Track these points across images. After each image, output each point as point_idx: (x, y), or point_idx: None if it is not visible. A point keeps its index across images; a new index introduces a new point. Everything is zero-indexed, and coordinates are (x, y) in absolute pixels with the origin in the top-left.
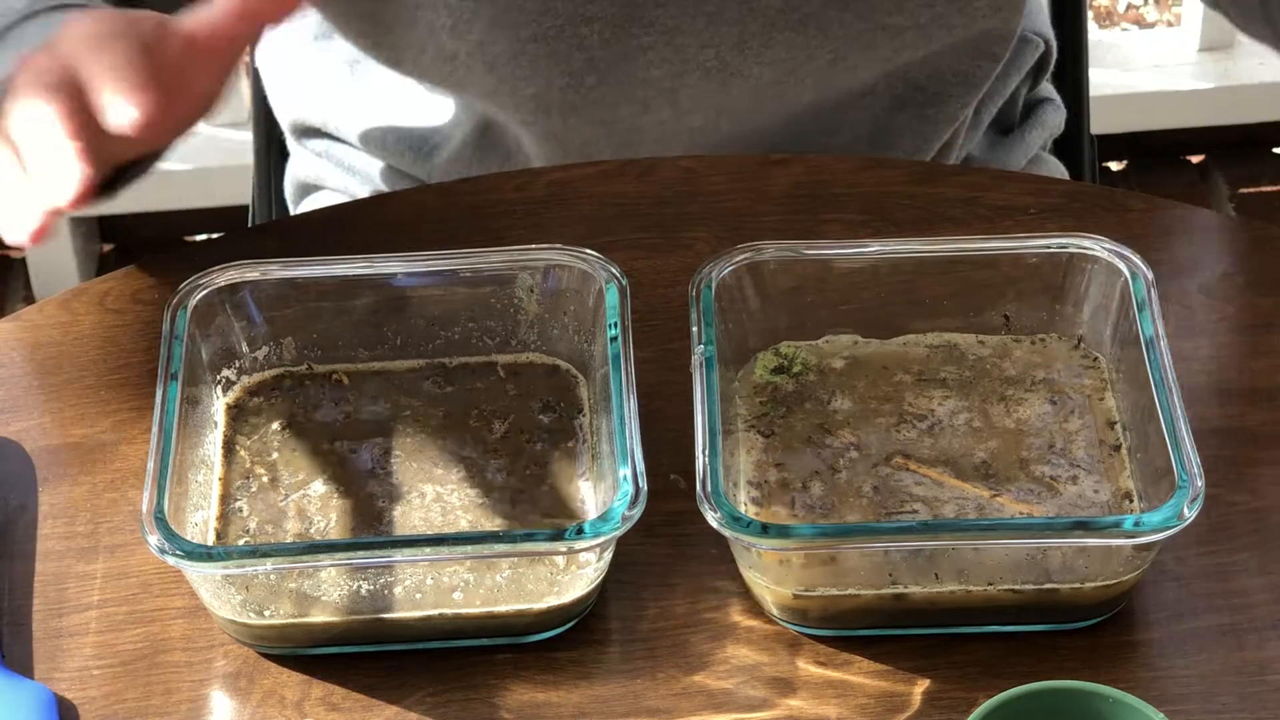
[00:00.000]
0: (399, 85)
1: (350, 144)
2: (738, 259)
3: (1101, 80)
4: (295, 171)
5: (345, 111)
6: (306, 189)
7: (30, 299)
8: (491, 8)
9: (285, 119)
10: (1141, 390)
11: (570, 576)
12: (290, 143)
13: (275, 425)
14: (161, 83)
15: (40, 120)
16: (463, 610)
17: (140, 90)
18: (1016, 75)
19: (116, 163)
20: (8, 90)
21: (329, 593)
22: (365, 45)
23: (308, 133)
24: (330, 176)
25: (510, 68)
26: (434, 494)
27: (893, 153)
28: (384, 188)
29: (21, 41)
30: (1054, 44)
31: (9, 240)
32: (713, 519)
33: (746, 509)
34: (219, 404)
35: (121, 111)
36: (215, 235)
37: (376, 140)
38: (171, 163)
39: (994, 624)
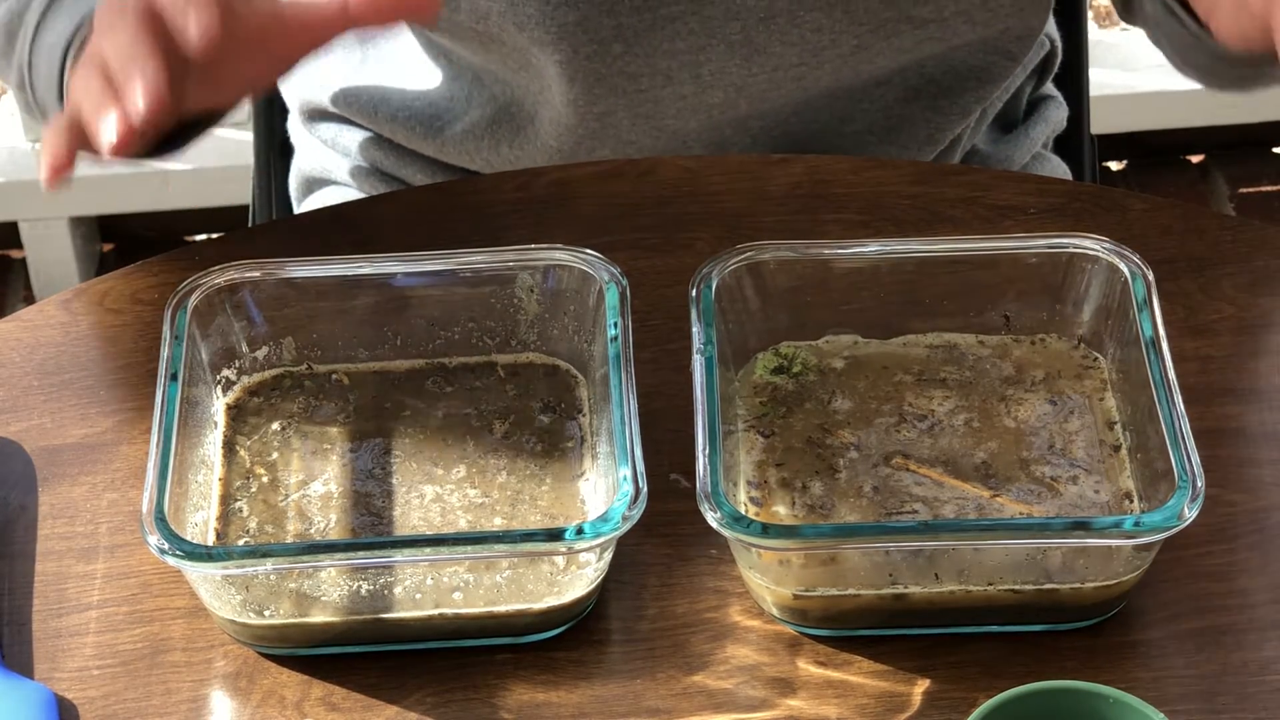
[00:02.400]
0: (411, 62)
1: (360, 125)
2: (738, 259)
3: (1102, 80)
4: (301, 165)
5: (357, 89)
6: (312, 184)
7: (30, 299)
8: None
9: (294, 101)
10: (1141, 390)
11: (570, 576)
12: (298, 132)
13: (275, 425)
14: (236, 29)
15: (120, 34)
16: (463, 610)
17: (205, 9)
18: (1022, 73)
19: (185, 110)
20: (97, 14)
21: (329, 593)
22: None
23: (316, 115)
24: (337, 168)
25: (539, 31)
26: (434, 494)
27: (903, 143)
28: (390, 174)
29: None
30: (1059, 44)
31: (102, 140)
32: (713, 519)
33: (746, 509)
34: (219, 404)
35: (191, 25)
36: (215, 235)
37: (387, 115)
38: (171, 163)
39: (994, 624)
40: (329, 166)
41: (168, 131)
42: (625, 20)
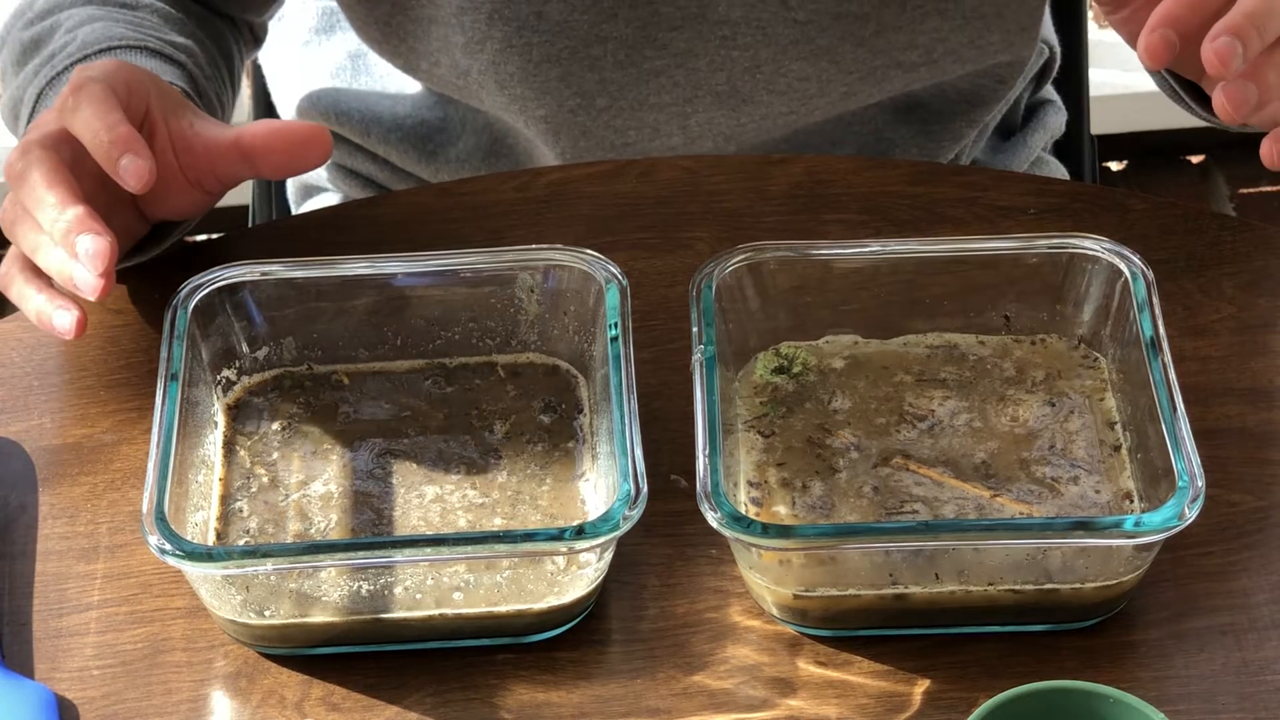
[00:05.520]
0: (404, 81)
1: (353, 141)
2: (738, 259)
3: (1101, 80)
4: None
5: (349, 106)
6: (309, 190)
7: None
8: (504, 29)
9: (288, 115)
10: (1141, 390)
11: (570, 576)
12: None
13: (275, 425)
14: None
15: (46, 210)
16: (463, 610)
17: (126, 149)
18: (1021, 82)
19: (149, 220)
20: (22, 150)
21: (329, 593)
22: (383, 51)
23: None
24: (332, 178)
25: (521, 88)
26: (434, 494)
27: None
28: (384, 187)
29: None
30: (1058, 50)
31: (59, 329)
32: (713, 519)
33: (746, 509)
34: (219, 404)
35: (127, 174)
36: (215, 235)
37: (380, 135)
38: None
39: (994, 624)
40: (324, 176)
41: (143, 238)
42: (609, 74)
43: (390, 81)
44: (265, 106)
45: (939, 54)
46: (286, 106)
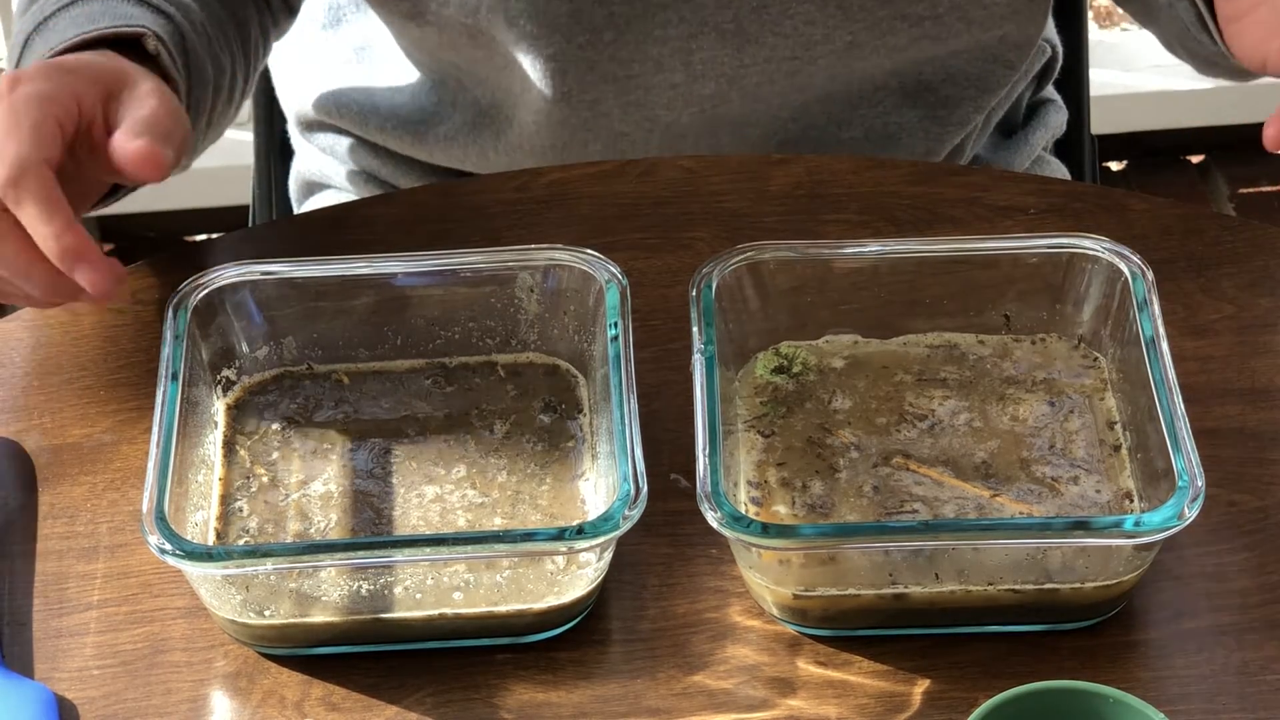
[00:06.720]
0: (398, 70)
1: (353, 134)
2: (738, 259)
3: (1102, 80)
4: (300, 169)
5: (347, 98)
6: (311, 187)
7: None
8: None
9: (292, 110)
10: (1141, 390)
11: (570, 576)
12: (296, 138)
13: (275, 425)
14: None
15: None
16: (463, 610)
17: (49, 221)
18: (1023, 80)
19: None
20: None
21: (329, 593)
22: None
23: (313, 125)
24: (335, 174)
25: (530, 24)
26: (434, 494)
27: (902, 154)
28: (386, 182)
29: (56, 30)
30: (1060, 49)
31: (89, 287)
32: (713, 519)
33: (746, 509)
34: (219, 404)
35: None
36: (215, 235)
37: (376, 124)
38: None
39: (994, 624)
40: (327, 172)
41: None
42: (617, 9)
43: (392, 73)
44: (268, 102)
45: (944, 9)
46: (289, 101)
